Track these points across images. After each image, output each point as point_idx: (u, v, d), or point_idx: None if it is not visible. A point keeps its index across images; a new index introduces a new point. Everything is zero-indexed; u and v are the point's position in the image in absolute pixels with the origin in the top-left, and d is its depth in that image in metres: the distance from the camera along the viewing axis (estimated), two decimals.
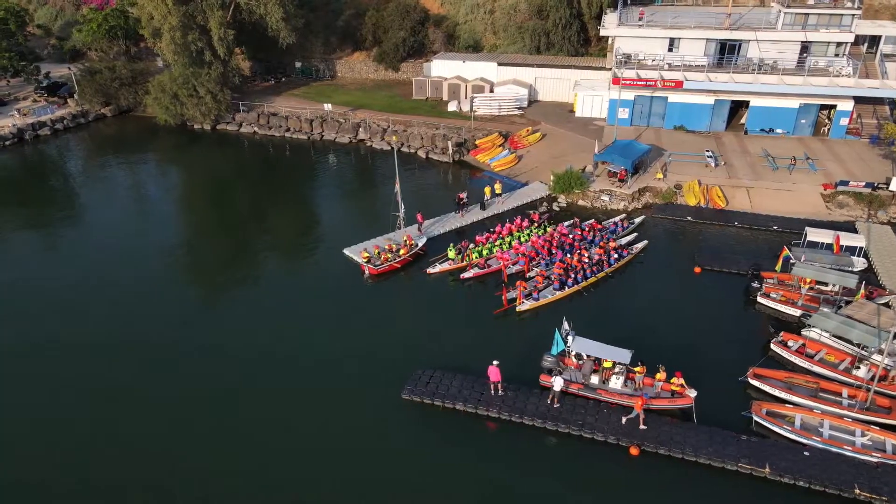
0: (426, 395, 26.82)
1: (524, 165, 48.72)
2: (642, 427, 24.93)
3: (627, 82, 50.59)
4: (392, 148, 43.40)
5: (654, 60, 54.10)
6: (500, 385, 26.63)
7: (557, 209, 42.90)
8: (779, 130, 51.88)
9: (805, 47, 52.62)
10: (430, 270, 35.71)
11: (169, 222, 44.53)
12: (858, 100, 50.76)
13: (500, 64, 59.94)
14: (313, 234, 41.95)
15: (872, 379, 26.21)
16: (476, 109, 55.83)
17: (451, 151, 50.51)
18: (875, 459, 23.41)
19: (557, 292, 33.43)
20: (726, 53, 53.92)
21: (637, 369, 26.84)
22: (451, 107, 58.32)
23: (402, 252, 36.50)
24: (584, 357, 27.81)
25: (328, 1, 70.90)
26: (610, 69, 57.23)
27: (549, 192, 44.42)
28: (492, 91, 58.47)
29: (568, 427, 25.25)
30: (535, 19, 66.03)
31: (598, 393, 26.63)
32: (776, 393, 26.70)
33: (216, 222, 44.39)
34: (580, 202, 43.63)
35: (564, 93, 59.28)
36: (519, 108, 57.15)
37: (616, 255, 36.08)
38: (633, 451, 24.28)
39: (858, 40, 55.06)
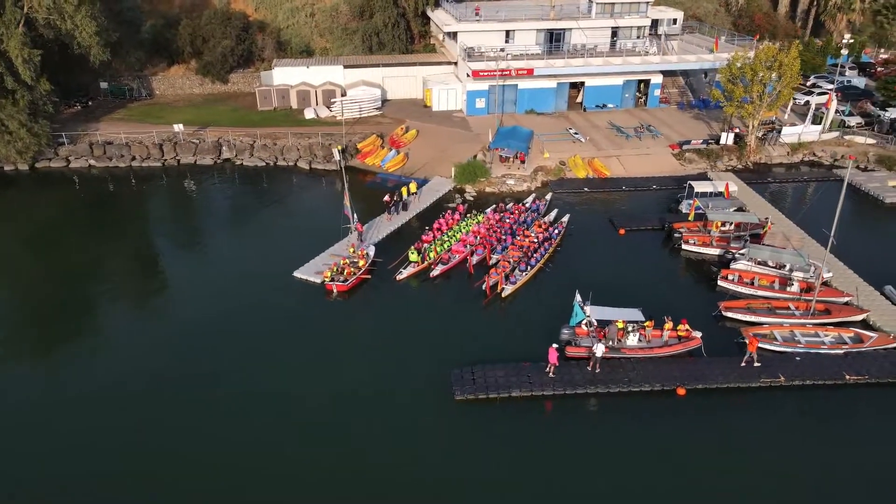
0: (479, 390, 27.09)
1: (415, 162, 49.41)
2: (757, 364, 28.25)
3: (486, 73, 54.04)
4: (339, 164, 41.24)
5: (493, 52, 58.10)
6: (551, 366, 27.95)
7: (471, 199, 44.64)
8: (610, 105, 59.45)
9: (615, 32, 60.86)
10: (399, 276, 35.23)
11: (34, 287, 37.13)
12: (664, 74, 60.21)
13: (346, 66, 59.28)
14: (245, 267, 36.60)
15: (806, 291, 32.70)
16: (337, 114, 54.83)
17: (338, 158, 49.13)
18: (842, 351, 29.42)
19: (525, 273, 35.36)
20: (553, 41, 60.06)
21: (646, 324, 30.00)
22: (308, 114, 56.41)
23: (361, 263, 35.39)
24: (594, 323, 30.24)
25: (121, 10, 63.02)
26: (455, 63, 60.12)
27: (455, 183, 45.93)
28: (344, 94, 57.68)
29: (618, 386, 27.56)
30: (359, 20, 66.42)
31: (622, 352, 29.31)
32: (746, 318, 31.86)
33: (108, 280, 36.65)
34: (487, 189, 45.87)
35: (413, 89, 60.78)
36: (377, 109, 57.31)
37: (556, 231, 39.08)
38: (680, 391, 27.42)
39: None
